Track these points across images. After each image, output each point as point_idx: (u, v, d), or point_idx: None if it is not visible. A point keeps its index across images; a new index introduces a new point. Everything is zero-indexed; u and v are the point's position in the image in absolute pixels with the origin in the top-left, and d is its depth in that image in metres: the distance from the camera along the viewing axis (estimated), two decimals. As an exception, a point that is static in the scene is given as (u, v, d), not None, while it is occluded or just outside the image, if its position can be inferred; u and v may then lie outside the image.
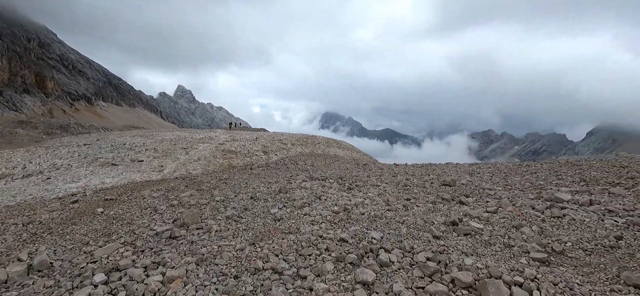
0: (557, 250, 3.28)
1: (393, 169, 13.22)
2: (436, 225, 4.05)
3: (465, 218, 4.10)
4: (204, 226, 4.27)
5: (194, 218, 4.42)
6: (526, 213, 4.24)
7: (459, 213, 4.35)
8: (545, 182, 7.51)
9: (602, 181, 6.85)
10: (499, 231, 3.67)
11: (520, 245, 3.42)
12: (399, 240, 3.63)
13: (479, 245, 3.49)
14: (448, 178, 8.45)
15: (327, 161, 16.03)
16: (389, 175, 10.68)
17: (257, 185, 7.66)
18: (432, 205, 5.13)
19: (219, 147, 16.72)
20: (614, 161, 9.51)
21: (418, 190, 6.89)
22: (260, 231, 4.02)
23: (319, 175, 9.65)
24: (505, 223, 3.94)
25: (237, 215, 4.74)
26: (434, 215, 4.44)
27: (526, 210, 4.40)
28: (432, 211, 4.63)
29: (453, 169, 13.16)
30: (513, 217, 4.12)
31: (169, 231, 4.03)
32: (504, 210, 4.45)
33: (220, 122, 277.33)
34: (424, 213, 4.57)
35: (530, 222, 3.90)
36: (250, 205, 5.43)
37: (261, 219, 4.57)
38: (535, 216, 4.06)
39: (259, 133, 28.46)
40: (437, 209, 4.72)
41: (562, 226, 3.69)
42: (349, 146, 29.19)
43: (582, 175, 8.00)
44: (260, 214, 4.80)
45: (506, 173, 10.15)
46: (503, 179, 8.71)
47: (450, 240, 3.65)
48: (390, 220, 4.22)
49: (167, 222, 4.47)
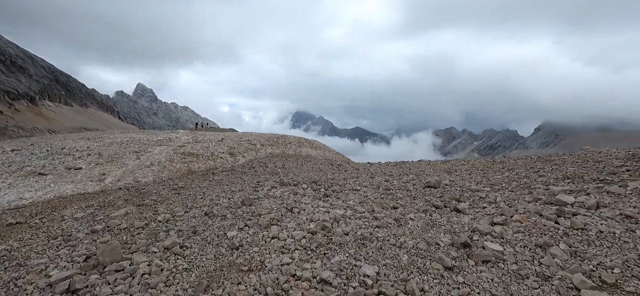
0: (610, 282, 2.57)
1: (369, 169, 12.54)
2: (443, 248, 3.21)
3: (475, 237, 3.34)
4: (128, 265, 3.05)
5: (115, 253, 3.17)
6: (539, 223, 3.60)
7: (464, 228, 3.57)
8: (529, 180, 7.15)
9: (586, 177, 6.60)
10: (523, 254, 2.93)
11: (560, 276, 2.68)
12: (402, 277, 2.72)
13: (507, 277, 2.68)
14: (430, 179, 7.84)
15: (299, 162, 14.99)
16: (366, 176, 9.91)
17: (216, 195, 6.43)
18: (426, 215, 4.36)
19: (178, 150, 14.96)
20: (584, 155, 9.58)
21: (403, 195, 6.13)
22: (208, 271, 2.92)
23: (291, 179, 8.60)
24: (525, 240, 3.23)
25: (181, 243, 3.57)
26: (436, 231, 3.63)
27: (536, 219, 3.78)
28: (430, 225, 3.83)
29: (428, 167, 12.79)
30: (529, 231, 3.45)
31: (68, 280, 2.77)
32: (511, 219, 3.78)
33: (186, 123, 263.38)
34: (422, 229, 3.74)
35: (552, 237, 3.25)
36: (202, 225, 4.26)
37: (213, 248, 3.45)
38: (554, 228, 3.42)
39: (225, 134, 26.63)
40: (435, 222, 3.93)
41: (593, 242, 3.07)
42: (322, 145, 28.39)
43: (561, 171, 7.79)
44: (213, 240, 3.67)
45: (483, 171, 9.85)
46: (484, 177, 8.30)
47: (468, 272, 2.81)
48: (383, 243, 3.32)
49: (75, 261, 3.18)
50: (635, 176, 6.10)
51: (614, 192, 4.68)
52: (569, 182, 6.46)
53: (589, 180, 6.39)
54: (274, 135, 28.03)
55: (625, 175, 6.26)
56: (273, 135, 27.35)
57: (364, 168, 12.92)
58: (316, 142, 29.14)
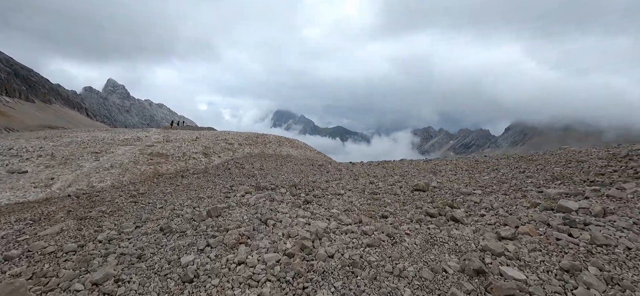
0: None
1: (352, 170, 12.01)
2: (452, 275, 2.62)
3: (487, 258, 2.78)
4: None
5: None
6: (551, 236, 3.13)
7: (471, 246, 2.99)
8: (518, 181, 6.86)
9: (575, 178, 6.38)
10: (551, 283, 2.40)
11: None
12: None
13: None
14: (418, 181, 7.39)
15: (278, 162, 14.20)
16: (349, 177, 9.34)
17: (180, 203, 5.58)
18: (421, 226, 3.80)
19: (145, 150, 13.70)
20: (566, 155, 9.54)
21: (391, 200, 5.58)
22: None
23: (268, 183, 7.85)
24: (546, 262, 2.71)
25: (118, 275, 2.75)
26: (438, 251, 3.04)
27: (545, 230, 3.33)
28: (430, 243, 3.24)
29: (412, 167, 12.47)
30: (546, 248, 2.96)
31: None
32: (519, 232, 3.30)
33: (161, 121, 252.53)
34: (422, 248, 3.14)
35: (575, 256, 2.77)
36: (152, 246, 3.45)
37: (159, 281, 2.66)
38: (573, 244, 2.97)
39: (201, 133, 25.23)
40: (435, 237, 3.36)
41: (625, 263, 2.64)
42: (302, 144, 27.67)
43: (547, 171, 7.60)
44: (161, 268, 2.88)
45: (468, 171, 9.58)
46: (471, 178, 7.97)
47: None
48: (377, 270, 2.68)
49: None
50: (624, 177, 5.91)
51: (614, 196, 4.37)
52: (560, 184, 6.20)
53: (579, 181, 6.15)
54: (253, 134, 26.93)
55: (614, 176, 6.08)
56: (252, 134, 26.25)
57: (346, 168, 12.38)
58: (297, 141, 28.36)
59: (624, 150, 8.57)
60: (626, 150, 8.45)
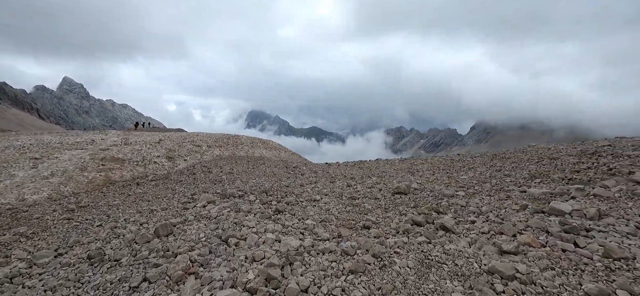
0: None
1: (328, 171, 11.48)
2: None
3: (497, 284, 2.32)
4: None
5: None
6: (556, 247, 2.75)
7: (473, 266, 2.50)
8: (498, 181, 6.68)
9: (554, 176, 6.30)
10: None
11: None
12: None
13: None
14: (397, 182, 6.99)
15: (250, 165, 13.32)
16: (326, 180, 8.78)
17: (125, 219, 4.67)
18: (410, 239, 3.29)
19: (97, 155, 12.21)
20: (536, 152, 9.66)
21: (371, 205, 5.07)
22: None
23: (236, 189, 7.06)
24: (565, 284, 2.25)
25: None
26: (437, 276, 2.50)
27: (547, 239, 2.96)
28: (426, 264, 2.70)
29: (388, 167, 12.20)
30: (558, 265, 2.55)
31: None
32: (520, 244, 2.88)
33: (126, 122, 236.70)
34: (416, 273, 2.56)
35: (595, 274, 2.38)
36: (68, 285, 2.62)
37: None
38: (586, 258, 2.61)
39: (166, 134, 23.48)
40: (429, 256, 2.79)
41: None
42: (277, 145, 26.78)
43: (523, 169, 7.54)
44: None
45: (446, 170, 9.40)
46: (450, 178, 7.74)
47: None
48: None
49: None
50: (600, 174, 5.88)
51: (601, 195, 4.19)
52: (540, 182, 6.06)
53: (558, 179, 6.06)
54: (224, 135, 25.56)
55: (590, 173, 6.05)
56: (223, 135, 24.90)
57: (322, 170, 11.82)
58: (271, 142, 27.39)
59: (590, 147, 8.80)
60: (593, 147, 8.67)
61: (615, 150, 7.55)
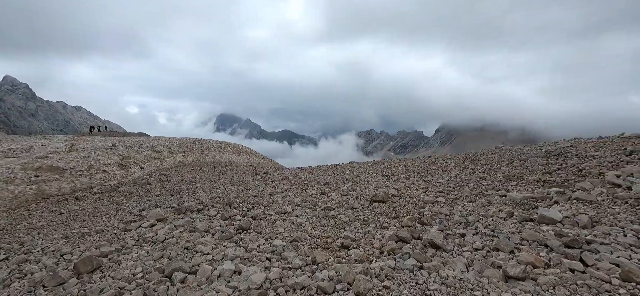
0: None
1: (300, 176, 10.87)
2: None
3: None
4: None
5: None
6: (564, 267, 2.40)
7: None
8: (475, 184, 6.52)
9: (529, 178, 6.25)
10: None
11: None
12: None
13: None
14: (374, 189, 6.58)
15: (216, 172, 12.31)
16: (298, 187, 8.16)
17: (43, 248, 3.70)
18: (397, 262, 2.78)
19: (32, 164, 10.51)
20: (505, 153, 9.82)
21: (349, 217, 4.55)
22: None
23: (195, 201, 6.19)
24: None
25: None
26: None
27: (550, 256, 2.61)
28: None
29: (362, 171, 11.88)
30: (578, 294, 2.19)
31: None
32: (524, 265, 2.49)
33: (80, 126, 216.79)
34: None
35: None
36: None
37: None
38: (602, 281, 2.26)
39: (122, 139, 21.38)
40: (426, 291, 2.33)
41: None
42: (247, 150, 25.61)
43: (496, 171, 7.51)
44: None
45: (420, 173, 9.21)
46: (426, 182, 7.50)
47: None
48: None
49: None
50: (572, 176, 5.90)
51: (584, 199, 4.04)
52: (517, 185, 5.95)
53: (533, 181, 5.99)
54: (190, 139, 23.88)
55: (562, 175, 6.05)
56: (188, 140, 23.24)
57: (294, 176, 11.18)
58: (241, 147, 26.15)
59: (554, 148, 9.07)
60: (557, 148, 8.94)
61: (579, 151, 7.79)
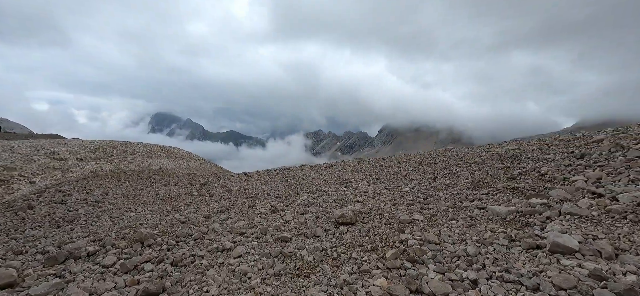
0: None
1: (246, 187, 9.33)
2: None
3: None
4: None
5: None
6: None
7: None
8: (444, 193, 5.94)
9: (496, 184, 5.88)
10: None
11: None
12: None
13: None
14: (341, 209, 5.57)
15: (139, 185, 9.96)
16: (243, 203, 6.71)
17: None
18: None
19: None
20: (458, 156, 9.76)
21: (314, 256, 3.36)
22: None
23: (91, 236, 4.33)
24: None
25: None
26: None
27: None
28: None
29: (316, 176, 10.87)
30: None
31: None
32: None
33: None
34: None
35: None
36: None
37: None
38: None
39: (10, 144, 16.70)
40: None
41: None
42: (184, 154, 22.56)
43: (459, 176, 7.14)
44: None
45: (379, 179, 8.53)
46: (391, 192, 6.77)
47: None
48: None
49: None
50: (537, 181, 5.67)
51: (577, 214, 3.55)
52: (488, 193, 5.50)
53: (503, 189, 5.61)
54: (110, 142, 19.93)
55: (528, 181, 5.82)
56: (108, 143, 19.34)
57: (239, 185, 9.57)
58: (177, 150, 22.94)
59: (503, 149, 9.21)
60: (505, 149, 9.06)
61: (530, 154, 7.86)
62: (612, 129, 8.78)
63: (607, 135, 7.47)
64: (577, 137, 8.42)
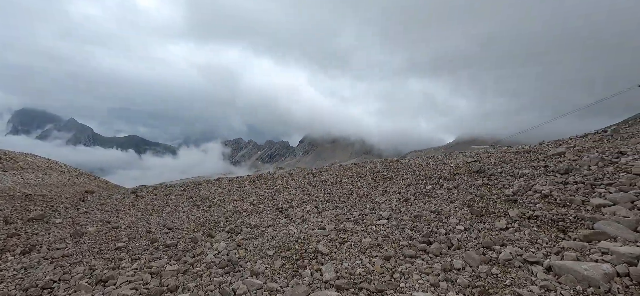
0: None
1: (121, 220, 5.73)
2: None
3: None
4: None
5: None
6: None
7: None
8: (447, 227, 4.03)
9: (498, 210, 4.30)
10: None
11: None
12: None
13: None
14: (287, 237, 2.97)
15: None
16: (90, 271, 3.38)
17: None
18: None
19: None
20: (419, 167, 8.35)
21: None
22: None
23: None
24: None
25: None
26: None
27: None
28: None
29: (239, 194, 8.00)
30: None
31: None
32: None
33: None
34: None
35: None
36: None
37: None
38: None
39: None
40: None
41: None
42: (43, 163, 15.70)
43: (437, 196, 5.47)
44: None
45: (332, 203, 6.35)
46: (356, 223, 4.55)
47: None
48: None
49: None
50: (544, 201, 4.34)
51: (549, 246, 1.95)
52: (507, 227, 3.81)
53: (518, 218, 4.06)
54: None
55: (539, 204, 4.44)
56: None
57: (108, 217, 5.85)
58: (29, 158, 15.84)
59: (459, 159, 8.16)
60: (473, 164, 7.93)
61: (503, 169, 6.80)
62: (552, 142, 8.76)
63: (568, 148, 6.99)
64: (531, 148, 7.94)
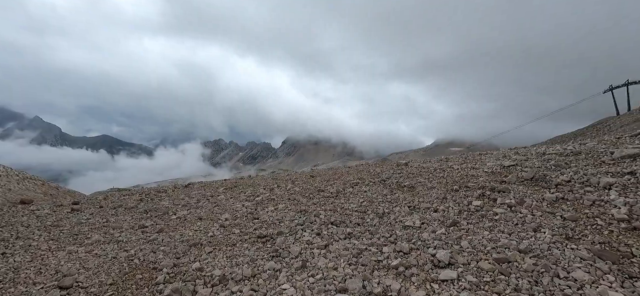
0: None
1: (33, 251, 3.74)
2: None
3: None
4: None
5: None
6: None
7: None
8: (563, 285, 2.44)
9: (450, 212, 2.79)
10: None
11: None
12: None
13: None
14: None
15: None
16: None
17: None
18: None
19: None
20: (438, 174, 6.85)
21: None
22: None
23: None
24: None
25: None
26: None
27: None
28: None
29: (206, 207, 6.29)
30: None
31: None
32: None
33: None
34: None
35: None
36: None
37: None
38: None
39: None
40: None
41: None
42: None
43: (445, 210, 3.94)
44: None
45: (338, 223, 4.67)
46: (373, 262, 2.90)
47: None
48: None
49: None
50: None
51: None
52: None
53: None
54: None
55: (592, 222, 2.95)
56: None
57: (12, 246, 3.84)
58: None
59: (489, 162, 6.76)
60: (493, 162, 6.59)
61: (558, 176, 5.46)
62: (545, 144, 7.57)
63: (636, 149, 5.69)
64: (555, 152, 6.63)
